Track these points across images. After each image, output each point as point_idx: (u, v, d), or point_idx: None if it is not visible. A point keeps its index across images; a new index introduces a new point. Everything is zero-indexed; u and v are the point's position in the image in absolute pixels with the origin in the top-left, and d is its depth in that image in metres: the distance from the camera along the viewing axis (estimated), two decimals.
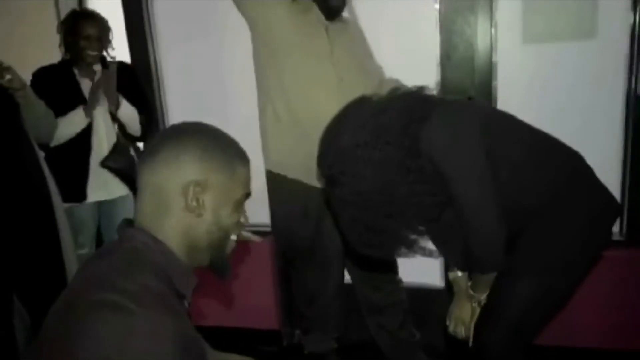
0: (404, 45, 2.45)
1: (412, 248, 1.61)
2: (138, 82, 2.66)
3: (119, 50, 2.71)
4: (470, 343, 1.71)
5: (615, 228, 2.30)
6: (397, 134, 1.48)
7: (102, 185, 2.53)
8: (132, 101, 2.55)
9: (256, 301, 2.75)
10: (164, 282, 0.94)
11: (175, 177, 0.98)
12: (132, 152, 2.56)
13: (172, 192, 0.98)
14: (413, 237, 1.58)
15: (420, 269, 2.44)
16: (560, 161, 1.63)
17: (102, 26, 2.49)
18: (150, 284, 0.90)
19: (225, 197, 1.02)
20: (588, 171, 1.65)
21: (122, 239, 0.99)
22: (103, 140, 2.51)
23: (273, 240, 2.58)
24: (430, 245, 1.63)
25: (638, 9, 2.20)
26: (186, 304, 1.02)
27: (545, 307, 1.66)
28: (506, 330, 1.60)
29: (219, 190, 1.01)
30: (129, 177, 2.45)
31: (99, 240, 2.68)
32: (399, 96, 1.59)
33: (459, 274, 1.76)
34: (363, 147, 1.47)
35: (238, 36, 2.28)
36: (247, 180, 1.07)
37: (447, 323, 1.79)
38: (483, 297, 1.67)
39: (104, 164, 2.48)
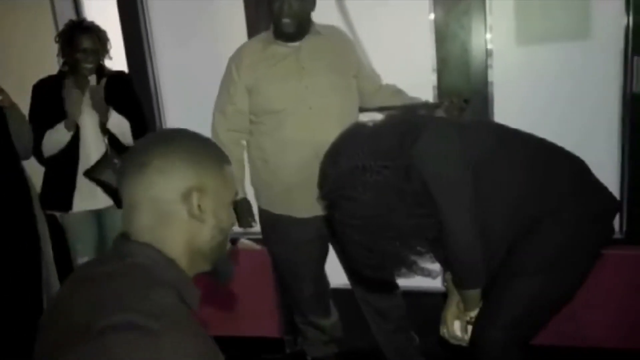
0: (399, 51, 2.46)
1: (411, 268, 1.64)
2: (131, 91, 2.63)
3: (117, 55, 2.70)
4: (467, 343, 1.72)
5: (615, 227, 2.30)
6: (393, 156, 1.52)
7: (90, 195, 2.52)
8: (124, 112, 2.52)
9: (257, 309, 2.75)
10: (177, 298, 0.89)
11: (174, 185, 0.95)
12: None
13: (171, 202, 0.95)
14: (413, 258, 1.61)
15: None
16: (559, 166, 1.65)
17: (99, 38, 2.48)
18: (167, 301, 0.85)
19: (221, 199, 1.01)
20: (587, 173, 1.67)
21: (122, 255, 0.94)
22: (91, 152, 2.50)
23: None
24: (429, 265, 1.64)
25: (631, 9, 2.21)
26: None
27: (545, 306, 1.66)
28: (505, 328, 1.61)
29: (215, 193, 0.99)
30: (113, 189, 2.45)
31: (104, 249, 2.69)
32: (394, 121, 1.65)
33: None
34: (361, 170, 1.51)
35: (234, 38, 2.29)
36: (233, 180, 1.06)
37: (441, 328, 1.80)
38: (473, 314, 1.69)
39: (88, 174, 2.47)
